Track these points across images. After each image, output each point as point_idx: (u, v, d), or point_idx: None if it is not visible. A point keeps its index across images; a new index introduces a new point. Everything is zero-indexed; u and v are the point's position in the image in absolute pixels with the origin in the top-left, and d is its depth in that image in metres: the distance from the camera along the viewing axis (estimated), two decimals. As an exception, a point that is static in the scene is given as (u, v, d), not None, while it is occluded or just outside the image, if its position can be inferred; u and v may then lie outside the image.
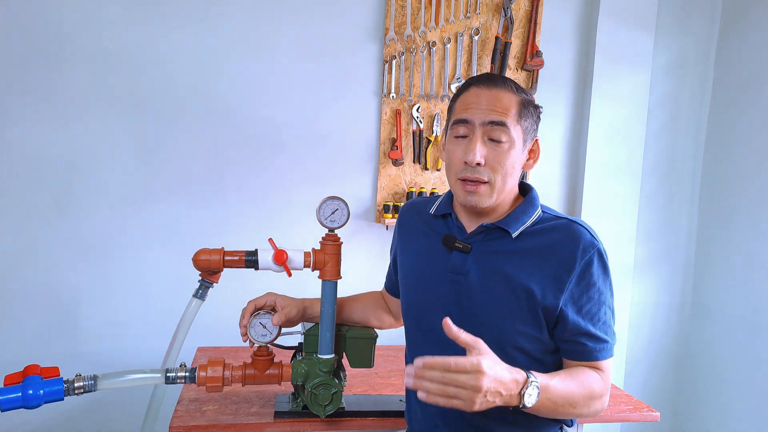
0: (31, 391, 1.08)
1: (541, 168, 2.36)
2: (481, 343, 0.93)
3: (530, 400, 0.95)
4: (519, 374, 0.94)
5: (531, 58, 2.24)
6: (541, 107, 2.30)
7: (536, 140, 1.15)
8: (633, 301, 2.48)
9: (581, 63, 2.35)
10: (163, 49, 2.03)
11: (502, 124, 1.07)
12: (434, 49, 2.20)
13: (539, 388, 0.96)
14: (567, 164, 2.39)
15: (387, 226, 2.24)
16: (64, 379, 1.12)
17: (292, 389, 1.43)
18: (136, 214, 2.06)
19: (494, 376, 0.90)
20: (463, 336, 0.93)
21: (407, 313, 1.27)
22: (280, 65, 2.12)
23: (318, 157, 2.18)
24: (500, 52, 2.23)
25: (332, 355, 1.30)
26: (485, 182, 1.09)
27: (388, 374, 1.72)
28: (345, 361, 1.39)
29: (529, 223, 1.12)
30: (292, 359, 1.36)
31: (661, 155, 2.46)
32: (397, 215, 2.16)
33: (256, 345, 1.31)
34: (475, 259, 1.13)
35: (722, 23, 2.43)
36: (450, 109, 1.17)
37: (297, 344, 1.42)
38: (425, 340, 1.21)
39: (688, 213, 2.52)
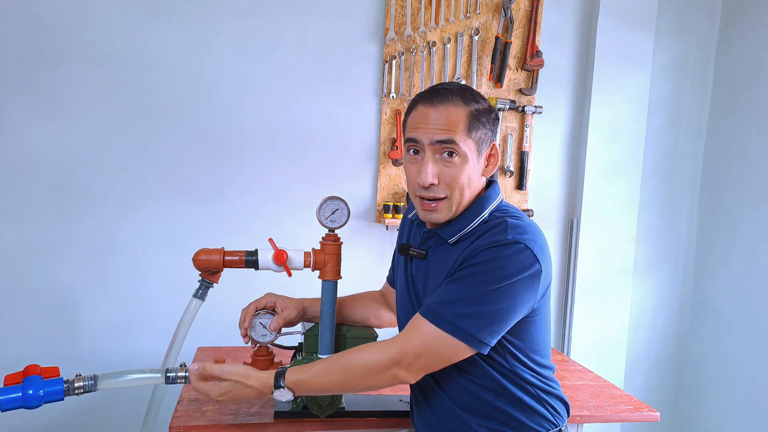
0: (31, 391, 1.08)
1: (541, 168, 2.36)
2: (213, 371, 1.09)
3: (284, 396, 1.06)
4: (267, 378, 1.07)
5: (531, 58, 2.24)
6: (540, 107, 2.31)
7: (493, 145, 1.12)
8: (633, 301, 2.48)
9: (581, 63, 2.36)
10: (164, 49, 2.03)
11: (450, 142, 1.05)
12: (434, 49, 2.20)
13: (291, 390, 1.06)
14: (567, 164, 2.39)
15: (387, 226, 2.24)
16: (64, 379, 1.12)
17: (292, 389, 1.43)
18: (136, 214, 2.06)
19: (225, 396, 1.09)
20: (209, 368, 1.09)
21: (398, 311, 1.30)
22: (280, 65, 2.12)
23: (318, 157, 2.18)
24: (500, 52, 2.23)
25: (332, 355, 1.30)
26: (443, 198, 1.09)
27: (388, 374, 1.71)
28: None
29: (469, 228, 1.10)
30: (292, 359, 1.36)
31: (661, 155, 2.46)
32: (397, 215, 2.16)
33: (256, 345, 1.31)
34: (428, 264, 1.16)
35: (722, 23, 2.43)
36: (403, 126, 1.16)
37: (297, 344, 1.42)
38: None
39: (688, 213, 2.52)
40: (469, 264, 1.03)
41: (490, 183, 1.17)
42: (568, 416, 1.23)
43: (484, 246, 1.03)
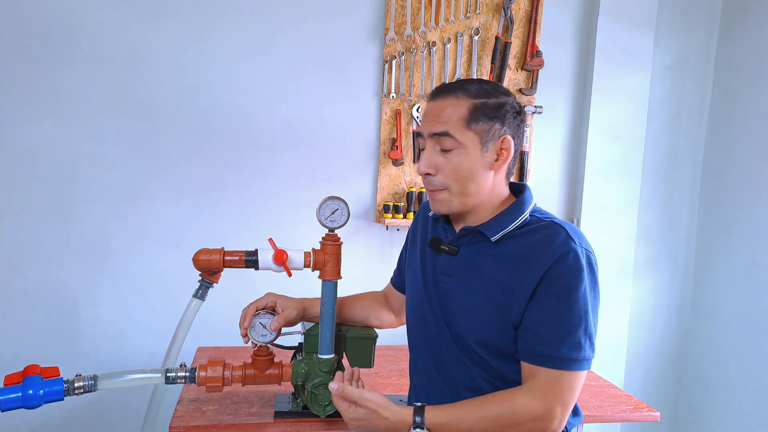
0: (31, 391, 1.08)
1: (541, 168, 2.36)
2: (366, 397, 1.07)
3: None
4: (405, 415, 1.04)
5: (531, 58, 2.24)
6: (540, 107, 2.31)
7: (504, 138, 1.10)
8: (633, 301, 2.48)
9: (581, 63, 2.36)
10: (164, 49, 2.03)
11: (444, 134, 1.09)
12: (434, 49, 2.20)
13: (430, 430, 1.03)
14: (567, 164, 2.39)
15: (387, 226, 2.24)
16: (64, 379, 1.12)
17: (292, 389, 1.43)
18: (136, 214, 2.06)
19: (359, 422, 1.08)
20: (348, 391, 1.08)
21: (408, 311, 1.29)
22: (280, 65, 2.12)
23: (318, 157, 2.18)
24: (500, 52, 2.23)
25: (332, 355, 1.30)
26: (442, 189, 1.12)
27: (388, 374, 1.72)
28: (345, 361, 1.39)
29: (511, 227, 1.11)
30: (292, 359, 1.36)
31: (661, 155, 2.46)
32: (396, 215, 2.16)
33: (256, 345, 1.31)
34: (460, 260, 1.15)
35: (722, 23, 2.43)
36: None
37: (297, 344, 1.42)
38: (421, 337, 1.23)
39: (688, 213, 2.52)
40: (558, 288, 1.03)
41: (524, 186, 1.19)
42: (580, 419, 1.23)
43: (556, 258, 1.03)
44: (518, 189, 1.20)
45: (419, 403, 1.07)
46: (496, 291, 1.08)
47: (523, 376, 1.07)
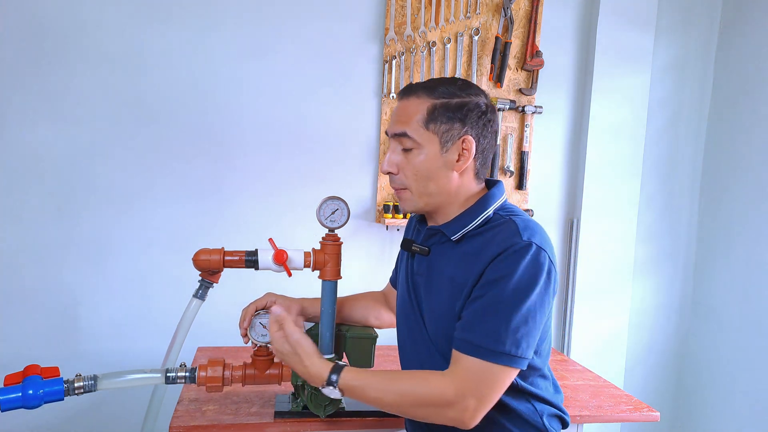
0: (31, 391, 1.08)
1: (541, 168, 2.36)
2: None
3: (333, 394, 1.06)
4: (323, 370, 1.07)
5: (531, 58, 2.24)
6: (540, 107, 2.31)
7: (464, 138, 1.09)
8: (633, 301, 2.48)
9: (581, 63, 2.36)
10: (164, 49, 2.03)
11: (402, 135, 1.10)
12: (434, 49, 2.20)
13: (341, 390, 1.06)
14: (567, 164, 2.39)
15: (387, 226, 2.24)
16: (64, 379, 1.12)
17: (292, 389, 1.43)
18: (136, 214, 2.06)
19: (281, 356, 1.13)
20: (287, 325, 1.12)
21: (397, 311, 1.31)
22: (281, 65, 2.12)
23: (318, 157, 2.18)
24: (500, 52, 2.23)
25: (332, 355, 1.30)
26: (405, 189, 1.13)
27: (388, 374, 1.71)
28: (345, 361, 1.39)
29: (471, 226, 1.10)
30: (292, 359, 1.36)
31: (661, 155, 2.46)
32: (396, 215, 2.16)
33: (256, 345, 1.31)
34: (429, 261, 1.17)
35: (722, 23, 2.43)
36: None
37: (297, 344, 1.42)
38: (406, 337, 1.25)
39: (688, 213, 2.52)
40: (491, 279, 1.01)
41: (495, 182, 1.17)
42: (561, 396, 1.23)
43: (498, 252, 1.01)
44: (490, 186, 1.18)
45: (342, 363, 1.10)
46: (453, 290, 1.09)
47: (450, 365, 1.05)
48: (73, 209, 2.02)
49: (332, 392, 1.06)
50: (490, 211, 1.11)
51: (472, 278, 1.04)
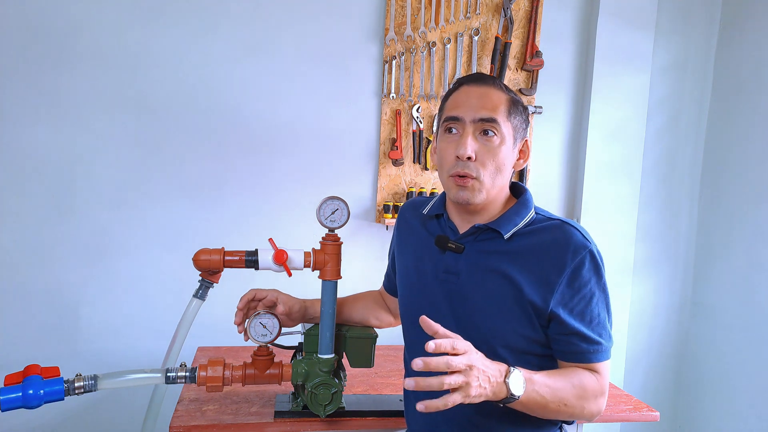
0: (31, 391, 1.08)
1: (540, 168, 2.36)
2: (459, 338, 0.94)
3: (517, 388, 0.95)
4: (501, 364, 0.96)
5: (531, 58, 2.24)
6: (540, 107, 2.31)
7: (525, 140, 1.16)
8: (633, 300, 2.48)
9: (581, 63, 2.36)
10: (164, 49, 2.03)
11: (492, 120, 1.08)
12: (434, 49, 2.20)
13: (524, 379, 0.96)
14: (567, 164, 2.39)
15: (387, 226, 2.24)
16: (64, 379, 1.12)
17: (292, 389, 1.43)
18: (136, 215, 2.06)
19: (480, 357, 0.93)
20: (441, 331, 0.94)
21: (404, 313, 1.28)
22: (281, 66, 2.12)
23: (318, 158, 2.18)
24: (500, 52, 2.23)
25: (332, 355, 1.30)
26: (474, 178, 1.09)
27: (388, 374, 1.72)
28: (345, 361, 1.39)
29: (521, 224, 1.12)
30: (292, 359, 1.36)
31: (661, 155, 2.46)
32: (397, 215, 2.16)
33: (256, 345, 1.31)
34: (467, 259, 1.14)
35: (722, 23, 2.43)
36: (441, 109, 1.18)
37: (297, 344, 1.42)
38: (421, 340, 1.21)
39: (688, 213, 2.52)
40: (584, 288, 1.07)
41: (523, 187, 1.21)
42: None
43: (579, 258, 1.06)
44: (517, 188, 1.20)
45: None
46: (509, 286, 1.08)
47: None
48: (73, 209, 2.02)
49: (517, 383, 0.96)
50: (533, 212, 1.15)
51: (552, 282, 1.06)
